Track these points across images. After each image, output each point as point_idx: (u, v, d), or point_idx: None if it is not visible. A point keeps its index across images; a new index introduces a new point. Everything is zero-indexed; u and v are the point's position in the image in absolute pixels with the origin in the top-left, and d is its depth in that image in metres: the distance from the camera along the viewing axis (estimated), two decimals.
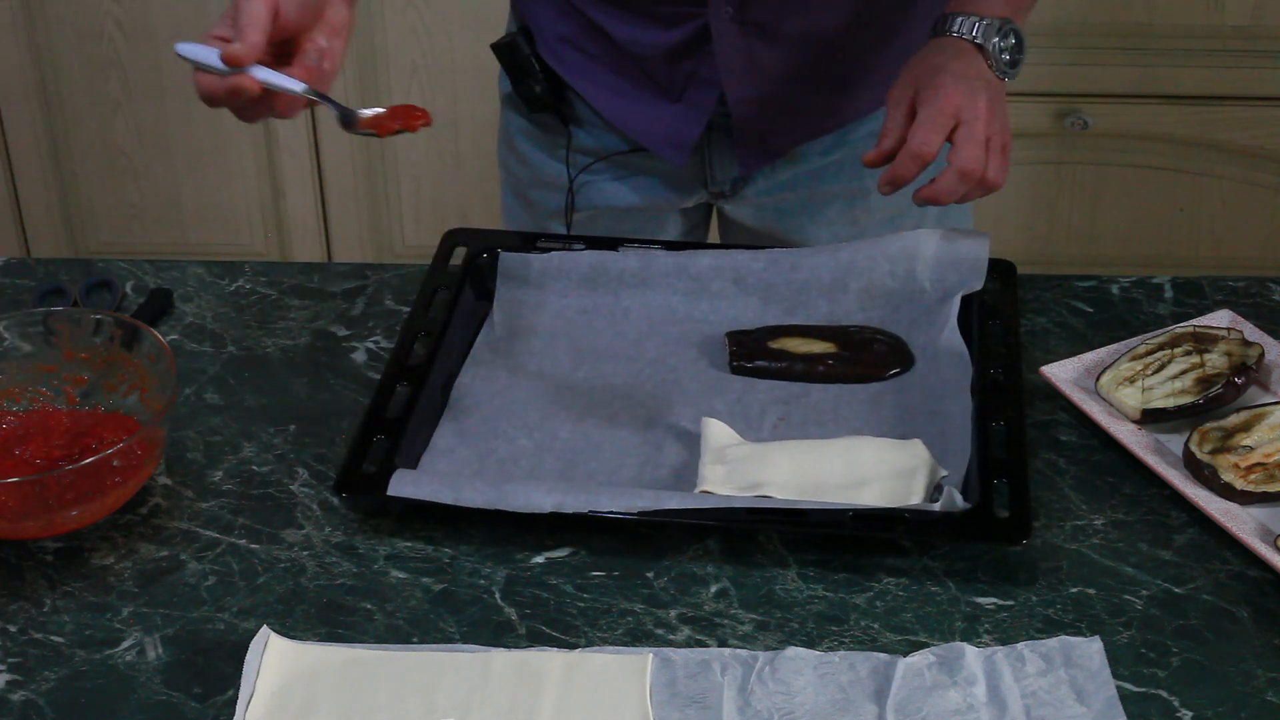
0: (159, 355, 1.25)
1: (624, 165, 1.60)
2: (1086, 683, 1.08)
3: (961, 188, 1.29)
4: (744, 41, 1.46)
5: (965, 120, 1.29)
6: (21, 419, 1.28)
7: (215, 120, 2.69)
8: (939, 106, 1.29)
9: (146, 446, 1.21)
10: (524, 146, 1.63)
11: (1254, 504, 1.21)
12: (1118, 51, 2.49)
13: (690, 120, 1.53)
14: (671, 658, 1.10)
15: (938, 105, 1.29)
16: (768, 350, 1.37)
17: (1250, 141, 2.56)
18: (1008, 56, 1.36)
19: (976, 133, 1.28)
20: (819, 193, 1.59)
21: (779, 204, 1.60)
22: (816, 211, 1.60)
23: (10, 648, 1.13)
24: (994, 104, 1.31)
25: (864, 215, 1.60)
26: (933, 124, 1.28)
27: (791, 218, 1.61)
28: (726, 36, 1.45)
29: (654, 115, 1.54)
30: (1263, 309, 1.44)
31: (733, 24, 1.45)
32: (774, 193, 1.60)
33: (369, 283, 1.51)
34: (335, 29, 1.27)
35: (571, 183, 1.60)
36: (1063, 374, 1.34)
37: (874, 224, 1.59)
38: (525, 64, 1.56)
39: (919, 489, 1.21)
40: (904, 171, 1.30)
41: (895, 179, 1.31)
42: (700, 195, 1.62)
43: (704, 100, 1.51)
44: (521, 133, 1.63)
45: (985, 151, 1.29)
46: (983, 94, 1.31)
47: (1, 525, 1.17)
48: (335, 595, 1.17)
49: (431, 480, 1.21)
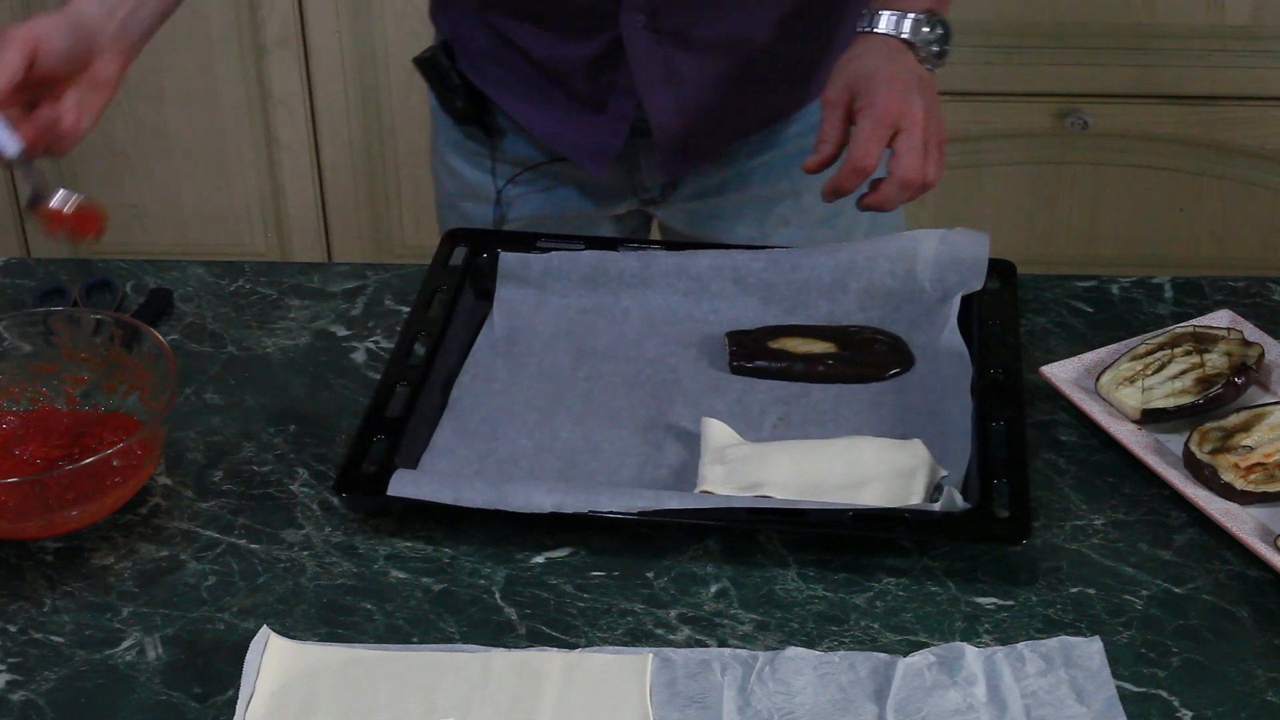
0: (159, 355, 1.25)
1: (553, 175, 1.60)
2: (1086, 683, 1.08)
3: (904, 195, 1.31)
4: (659, 50, 1.46)
5: (904, 128, 1.30)
6: (21, 419, 1.28)
7: (215, 120, 2.69)
8: (877, 118, 1.30)
9: (146, 446, 1.21)
10: (453, 160, 1.63)
11: (1254, 504, 1.21)
12: (1118, 51, 2.49)
13: (611, 131, 1.52)
14: (671, 658, 1.10)
15: (875, 116, 1.30)
16: (768, 350, 1.37)
17: (1250, 141, 2.56)
18: (936, 48, 1.36)
19: (915, 141, 1.29)
20: (750, 195, 1.59)
21: (710, 208, 1.60)
22: (749, 214, 1.60)
23: (10, 648, 1.13)
24: (928, 105, 1.32)
25: (796, 216, 1.60)
26: (872, 136, 1.29)
27: (724, 221, 1.61)
28: (641, 46, 1.45)
29: (575, 127, 1.54)
30: (1263, 309, 1.44)
31: (646, 33, 1.44)
32: (704, 197, 1.60)
33: (369, 283, 1.51)
34: (99, 84, 1.25)
35: (499, 195, 1.60)
36: (1063, 374, 1.34)
37: (808, 224, 1.59)
38: (447, 78, 1.56)
39: (919, 489, 1.21)
40: (846, 184, 1.31)
41: (837, 190, 1.32)
42: (631, 202, 1.62)
43: (624, 110, 1.51)
44: (450, 146, 1.63)
45: (925, 158, 1.30)
46: (917, 96, 1.32)
47: (1, 525, 1.17)
48: (335, 595, 1.17)
49: (431, 480, 1.21)
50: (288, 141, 2.71)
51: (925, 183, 1.31)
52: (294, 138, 2.70)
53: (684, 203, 1.61)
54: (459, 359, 1.38)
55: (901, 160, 1.29)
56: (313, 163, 2.73)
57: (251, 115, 2.69)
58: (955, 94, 2.45)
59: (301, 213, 2.78)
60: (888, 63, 1.34)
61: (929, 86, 1.34)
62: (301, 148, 2.71)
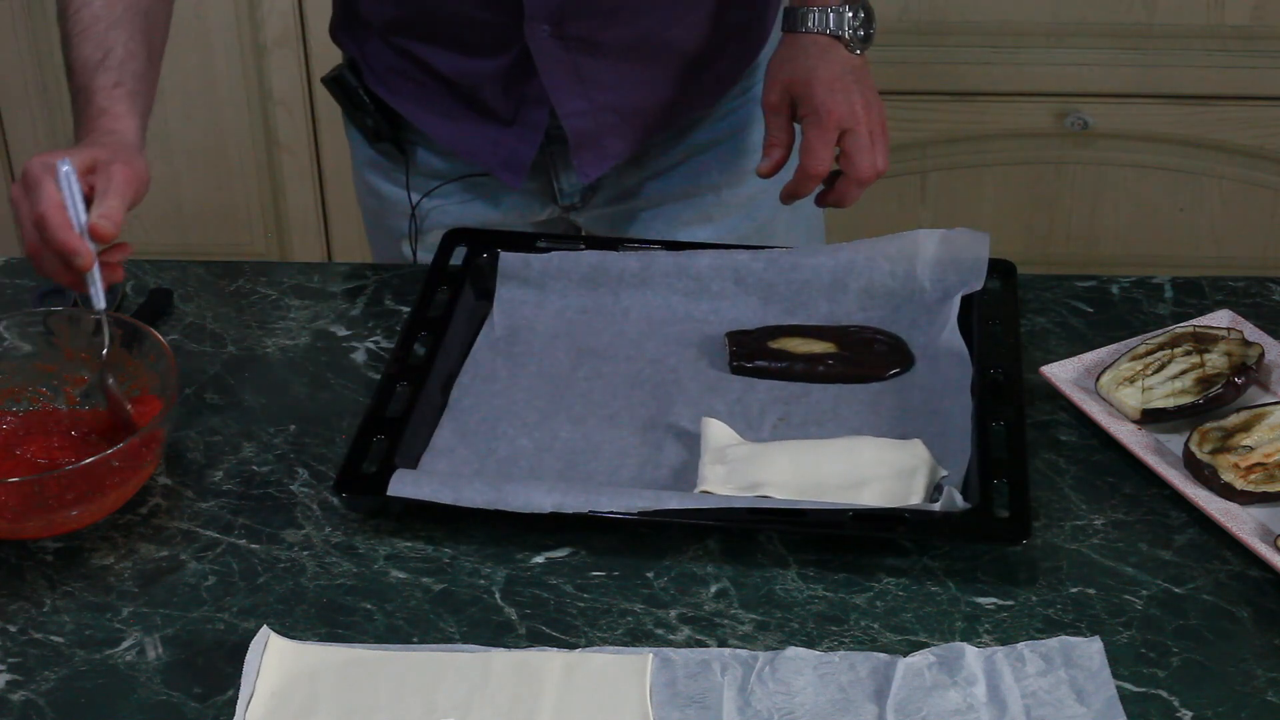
0: (159, 355, 1.25)
1: (471, 187, 1.59)
2: (1086, 683, 1.08)
3: (860, 191, 1.38)
4: (567, 56, 1.46)
5: (848, 128, 1.36)
6: (22, 419, 1.28)
7: (215, 120, 2.69)
8: (823, 124, 1.36)
9: (147, 446, 1.21)
10: (370, 176, 1.63)
11: (1254, 504, 1.21)
12: (1118, 51, 2.49)
13: (525, 140, 1.52)
14: (671, 658, 1.10)
15: (820, 122, 1.36)
16: (768, 350, 1.37)
17: (1250, 141, 2.56)
18: (861, 33, 1.41)
19: (862, 139, 1.36)
20: (668, 194, 1.60)
21: (629, 209, 1.61)
22: (669, 213, 1.61)
23: (10, 648, 1.13)
24: (868, 98, 1.38)
25: (717, 211, 1.61)
26: (820, 141, 1.36)
27: (644, 221, 1.61)
28: (548, 54, 1.45)
29: (487, 140, 1.53)
30: (1263, 309, 1.44)
31: (552, 41, 1.45)
32: (623, 200, 1.60)
33: (369, 283, 1.51)
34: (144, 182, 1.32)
35: (414, 210, 1.60)
36: (1063, 374, 1.34)
37: (730, 219, 1.60)
38: (355, 97, 1.56)
39: (919, 489, 1.21)
40: (803, 190, 1.38)
41: (794, 195, 1.39)
42: (551, 210, 1.62)
43: (536, 119, 1.51)
44: (366, 163, 1.63)
45: (873, 150, 1.37)
46: (856, 94, 1.37)
47: (1, 525, 1.17)
48: (335, 595, 1.17)
49: (431, 480, 1.21)
50: (288, 141, 2.71)
51: (877, 174, 1.38)
52: (294, 138, 2.70)
53: (603, 207, 1.61)
54: (459, 359, 1.38)
55: (853, 159, 1.37)
56: (313, 163, 2.73)
57: (251, 115, 2.69)
58: (955, 94, 2.45)
59: (301, 213, 2.78)
60: (821, 62, 1.38)
61: (864, 76, 1.39)
62: (301, 148, 2.71)
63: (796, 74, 1.38)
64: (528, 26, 1.43)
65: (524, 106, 1.51)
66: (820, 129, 1.36)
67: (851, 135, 1.36)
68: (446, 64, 1.50)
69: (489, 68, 1.49)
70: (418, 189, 1.60)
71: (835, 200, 1.40)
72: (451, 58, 1.50)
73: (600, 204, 1.60)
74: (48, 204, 1.19)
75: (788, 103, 1.39)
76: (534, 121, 1.51)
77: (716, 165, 1.58)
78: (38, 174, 1.20)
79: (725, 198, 1.60)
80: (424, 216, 1.60)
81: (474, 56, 1.49)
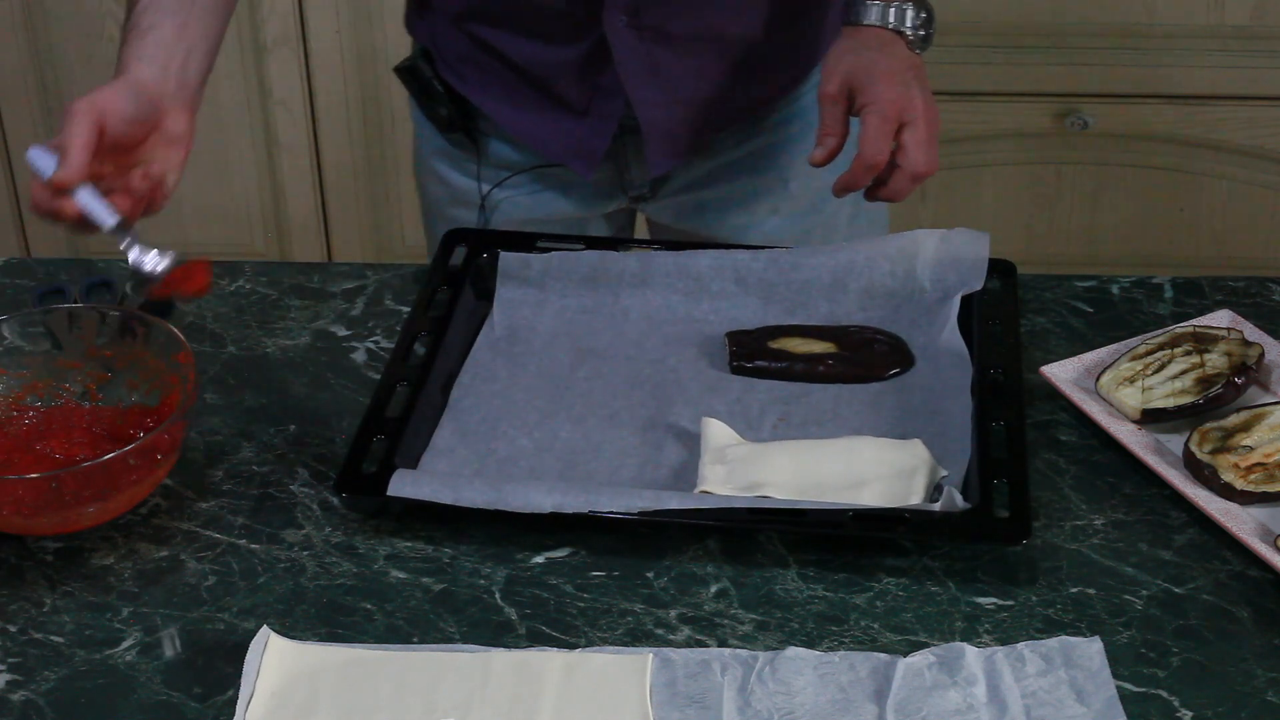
0: (181, 353, 1.26)
1: (540, 178, 1.60)
2: (1086, 683, 1.08)
3: (913, 186, 1.35)
4: (642, 46, 1.46)
5: (908, 121, 1.34)
6: (43, 415, 1.28)
7: (215, 120, 2.69)
8: (882, 114, 1.33)
9: (164, 444, 1.21)
10: (439, 166, 1.63)
11: (1254, 504, 1.21)
12: (1118, 51, 2.49)
13: (597, 132, 1.53)
14: (671, 658, 1.10)
15: (881, 112, 1.33)
16: (768, 350, 1.37)
17: (1250, 141, 2.56)
18: (922, 32, 1.40)
19: (921, 134, 1.34)
20: (737, 186, 1.60)
21: (698, 200, 1.61)
22: (737, 204, 1.61)
23: (10, 648, 1.13)
24: (926, 96, 1.36)
25: (785, 204, 1.61)
26: (880, 132, 1.33)
27: (712, 213, 1.62)
28: (625, 44, 1.46)
29: (561, 130, 1.54)
30: (1263, 309, 1.44)
31: (629, 31, 1.45)
32: (692, 190, 1.60)
33: (369, 283, 1.51)
34: (174, 140, 1.27)
35: (483, 200, 1.60)
36: (1063, 374, 1.34)
37: (797, 212, 1.60)
38: (429, 87, 1.56)
39: (919, 489, 1.21)
40: (859, 180, 1.35)
41: (849, 185, 1.36)
42: (620, 201, 1.62)
43: (610, 110, 1.51)
44: (436, 153, 1.63)
45: (929, 147, 1.35)
46: (915, 87, 1.35)
47: (15, 521, 1.17)
48: (335, 595, 1.17)
49: (431, 480, 1.21)
50: (288, 141, 2.71)
51: (931, 172, 1.35)
52: (294, 138, 2.70)
53: (671, 197, 1.61)
54: (459, 359, 1.38)
55: (910, 154, 1.33)
56: (313, 163, 2.73)
57: (251, 115, 2.69)
58: (955, 94, 2.45)
59: (301, 213, 2.78)
60: (882, 54, 1.36)
61: (922, 74, 1.38)
62: (301, 148, 2.71)
63: (857, 65, 1.36)
64: (606, 16, 1.44)
65: (597, 97, 1.51)
66: (881, 119, 1.33)
67: (911, 128, 1.34)
68: (521, 52, 1.50)
69: (564, 57, 1.49)
70: (487, 180, 1.60)
71: (888, 194, 1.36)
72: (527, 46, 1.50)
73: (668, 195, 1.61)
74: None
75: (845, 94, 1.36)
76: (607, 112, 1.51)
77: (785, 158, 1.59)
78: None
79: (793, 190, 1.60)
80: (493, 207, 1.60)
81: (550, 45, 1.49)
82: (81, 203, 1.21)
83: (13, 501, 1.17)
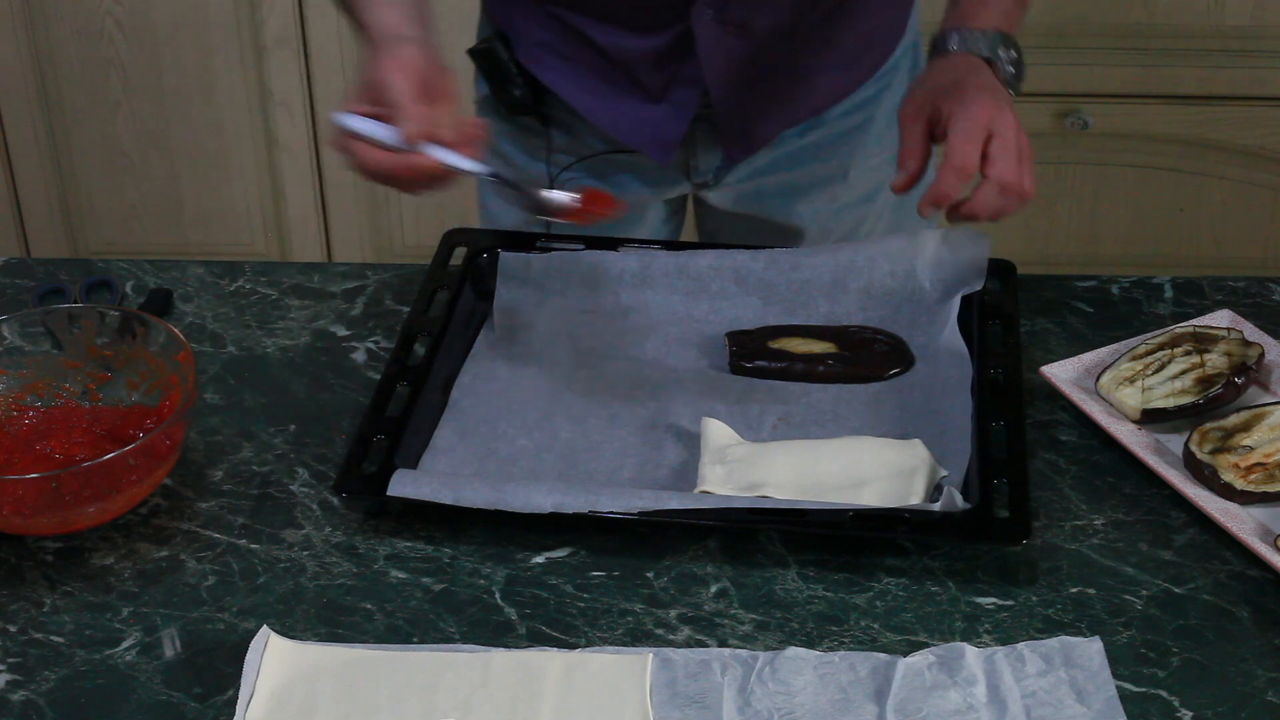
0: (181, 353, 1.26)
1: (606, 163, 1.60)
2: (1086, 683, 1.08)
3: (1000, 201, 1.28)
4: (725, 39, 1.47)
5: (997, 132, 1.28)
6: (43, 415, 1.28)
7: (215, 120, 2.69)
8: (972, 118, 1.28)
9: (164, 444, 1.21)
10: (506, 148, 1.64)
11: (1254, 504, 1.21)
12: (1118, 51, 2.49)
13: (674, 119, 1.53)
14: (671, 658, 1.10)
15: (970, 117, 1.28)
16: (768, 350, 1.37)
17: (1250, 141, 2.56)
18: (1013, 69, 1.37)
19: (1010, 145, 1.28)
20: (798, 175, 1.61)
21: (759, 188, 1.62)
22: (796, 192, 1.62)
23: (10, 648, 1.13)
24: (1016, 119, 1.31)
25: (844, 193, 1.62)
26: (968, 137, 1.27)
27: (771, 199, 1.63)
28: (709, 36, 1.46)
29: (638, 116, 1.54)
30: (1263, 309, 1.44)
31: (714, 23, 1.46)
32: (754, 178, 1.61)
33: (369, 283, 1.51)
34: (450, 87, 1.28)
35: (552, 183, 1.60)
36: (1063, 374, 1.34)
37: (853, 200, 1.61)
38: (504, 69, 1.56)
39: (919, 489, 1.21)
40: (948, 189, 1.28)
41: (939, 198, 1.29)
42: (684, 187, 1.63)
43: (687, 99, 1.52)
44: (503, 135, 1.63)
45: (1020, 163, 1.28)
46: (1006, 105, 1.31)
47: (16, 520, 1.17)
48: (335, 595, 1.17)
49: (431, 480, 1.21)
50: (288, 141, 2.71)
51: (1023, 191, 1.28)
52: (294, 138, 2.70)
53: (735, 184, 1.62)
54: (459, 359, 1.38)
55: (996, 163, 1.27)
56: (313, 163, 2.73)
57: (251, 115, 2.69)
58: None
59: (301, 213, 2.78)
60: (971, 75, 1.33)
61: (1011, 104, 1.32)
62: (301, 148, 2.71)
63: (942, 84, 1.33)
64: (695, 9, 1.44)
65: (674, 85, 1.52)
66: (968, 124, 1.27)
67: (999, 140, 1.27)
68: (605, 39, 1.51)
69: (647, 45, 1.50)
70: (554, 164, 1.60)
71: (970, 210, 1.28)
72: (612, 33, 1.50)
73: (732, 182, 1.62)
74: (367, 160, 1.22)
75: (925, 114, 1.32)
76: (685, 100, 1.52)
77: (846, 149, 1.60)
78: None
79: (852, 181, 1.61)
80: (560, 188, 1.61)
81: (635, 34, 1.49)
82: (439, 156, 1.22)
83: (13, 501, 1.17)
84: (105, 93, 2.68)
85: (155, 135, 2.72)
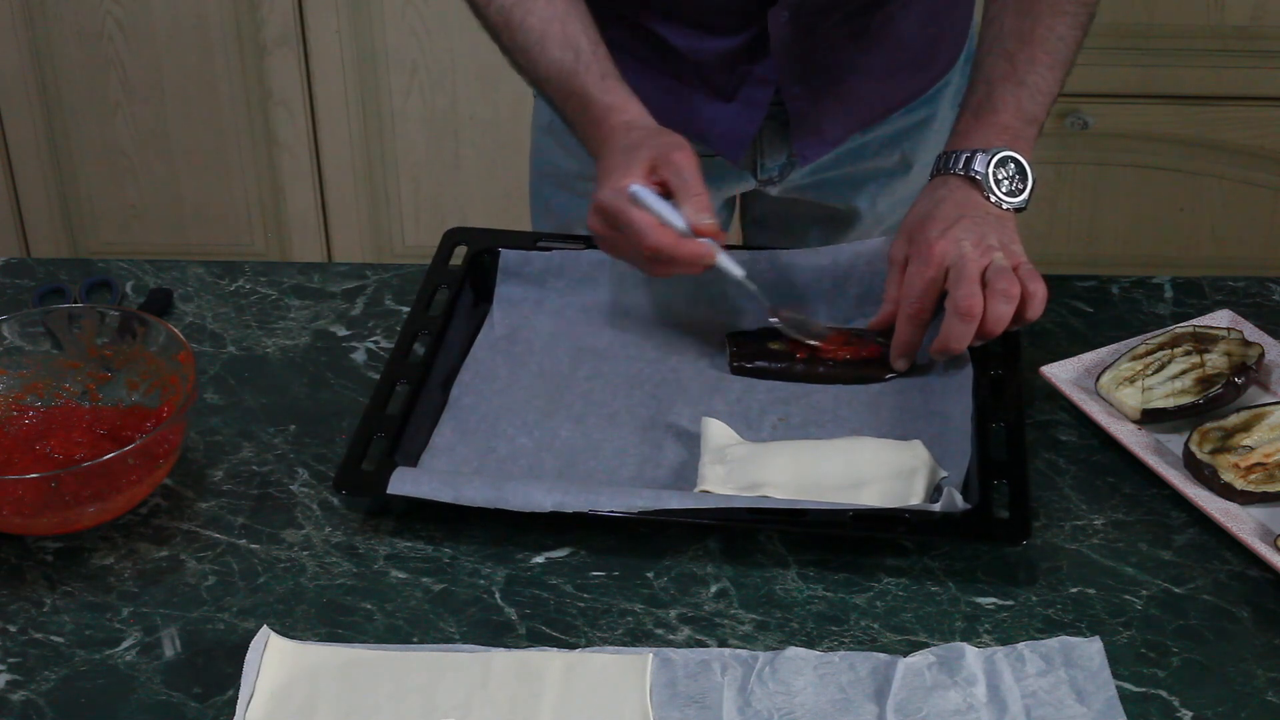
0: (181, 353, 1.26)
1: None
2: (1086, 683, 1.08)
3: (964, 327, 1.28)
4: (799, 41, 1.49)
5: (952, 264, 1.30)
6: (43, 415, 1.28)
7: (215, 120, 2.69)
8: (923, 261, 1.31)
9: (164, 445, 1.21)
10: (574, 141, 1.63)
11: (1254, 504, 1.21)
12: (1118, 51, 2.49)
13: (747, 117, 1.55)
14: (671, 658, 1.10)
15: (921, 259, 1.31)
16: (768, 351, 1.37)
17: (1250, 141, 2.56)
18: (1006, 186, 1.35)
19: (967, 270, 1.28)
20: (860, 168, 1.63)
21: (820, 180, 1.64)
22: (855, 184, 1.64)
23: (10, 648, 1.13)
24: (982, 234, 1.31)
25: (902, 187, 1.64)
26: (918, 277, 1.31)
27: (832, 189, 1.65)
28: (784, 38, 1.48)
29: (709, 115, 1.56)
30: (1263, 309, 1.44)
31: (789, 26, 1.47)
32: (817, 173, 1.63)
33: (369, 283, 1.51)
34: None
35: None
36: (1063, 374, 1.34)
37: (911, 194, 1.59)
38: None
39: (919, 489, 1.21)
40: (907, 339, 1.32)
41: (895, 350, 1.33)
42: (749, 183, 1.64)
43: (760, 98, 1.53)
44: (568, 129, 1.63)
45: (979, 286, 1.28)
46: (969, 227, 1.31)
47: (16, 521, 1.17)
48: (335, 595, 1.17)
49: (431, 478, 1.21)
50: (288, 141, 2.71)
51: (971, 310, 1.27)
52: (294, 138, 2.70)
53: (798, 180, 1.63)
54: (459, 358, 1.38)
55: (954, 291, 1.28)
56: (313, 163, 2.73)
57: (251, 115, 2.69)
58: None
59: (301, 213, 2.78)
60: (943, 204, 1.34)
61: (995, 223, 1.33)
62: (301, 148, 2.71)
63: (913, 219, 1.35)
64: (772, 11, 1.45)
65: (746, 84, 1.53)
66: (921, 265, 1.30)
67: (954, 269, 1.29)
68: (680, 39, 1.52)
69: (723, 47, 1.51)
70: None
71: (942, 345, 1.29)
72: (687, 35, 1.51)
73: (796, 177, 1.63)
74: (650, 234, 1.27)
75: (904, 253, 1.34)
76: (757, 100, 1.53)
77: (909, 143, 1.61)
78: (616, 206, 1.28)
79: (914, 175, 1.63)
80: None
81: (711, 35, 1.50)
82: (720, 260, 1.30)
83: (13, 501, 1.17)
84: (105, 93, 2.68)
85: (155, 135, 2.72)
